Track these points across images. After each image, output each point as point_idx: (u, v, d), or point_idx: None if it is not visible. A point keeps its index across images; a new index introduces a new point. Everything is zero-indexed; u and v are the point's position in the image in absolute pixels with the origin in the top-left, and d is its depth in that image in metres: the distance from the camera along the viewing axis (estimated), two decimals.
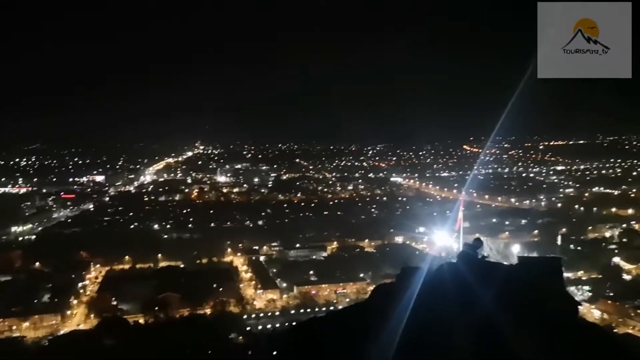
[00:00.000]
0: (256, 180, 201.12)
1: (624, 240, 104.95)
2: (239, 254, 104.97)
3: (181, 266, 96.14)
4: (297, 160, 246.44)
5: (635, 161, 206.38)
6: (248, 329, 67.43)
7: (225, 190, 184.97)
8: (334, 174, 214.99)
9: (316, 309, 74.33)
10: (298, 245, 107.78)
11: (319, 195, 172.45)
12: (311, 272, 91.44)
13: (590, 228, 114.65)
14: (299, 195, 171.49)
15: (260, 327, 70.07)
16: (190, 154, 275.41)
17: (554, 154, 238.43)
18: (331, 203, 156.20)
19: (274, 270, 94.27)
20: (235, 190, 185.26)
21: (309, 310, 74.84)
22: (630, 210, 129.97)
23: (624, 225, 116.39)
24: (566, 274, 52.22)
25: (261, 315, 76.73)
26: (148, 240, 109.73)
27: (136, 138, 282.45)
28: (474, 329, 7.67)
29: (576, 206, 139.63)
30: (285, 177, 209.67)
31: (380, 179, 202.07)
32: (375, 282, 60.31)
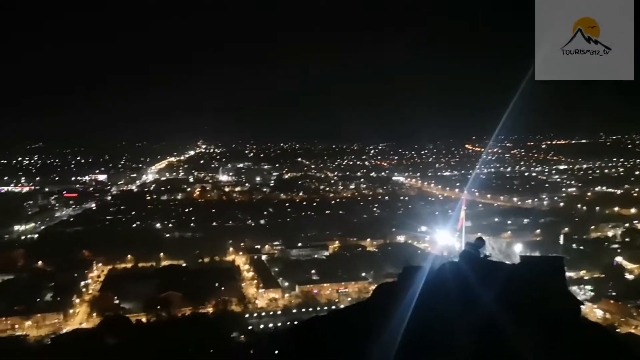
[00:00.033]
0: (258, 179, 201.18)
1: (627, 239, 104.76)
2: (240, 253, 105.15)
3: (183, 265, 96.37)
4: (299, 159, 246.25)
5: (638, 160, 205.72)
6: (250, 328, 67.64)
7: (227, 189, 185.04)
8: (336, 173, 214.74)
9: (318, 308, 74.56)
10: (300, 244, 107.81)
11: (321, 195, 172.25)
12: (313, 271, 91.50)
13: (592, 227, 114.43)
14: (300, 194, 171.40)
15: (262, 326, 70.17)
16: (192, 153, 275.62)
17: (557, 153, 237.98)
18: (333, 202, 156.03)
19: (276, 270, 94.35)
20: (237, 189, 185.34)
21: (310, 309, 74.85)
22: (633, 210, 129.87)
23: (627, 224, 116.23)
24: (568, 274, 52.17)
25: (263, 314, 76.82)
26: (150, 239, 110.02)
27: (136, 138, 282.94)
28: (476, 328, 7.67)
29: (579, 205, 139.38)
30: (287, 176, 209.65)
31: (382, 178, 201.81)
32: (377, 282, 60.15)
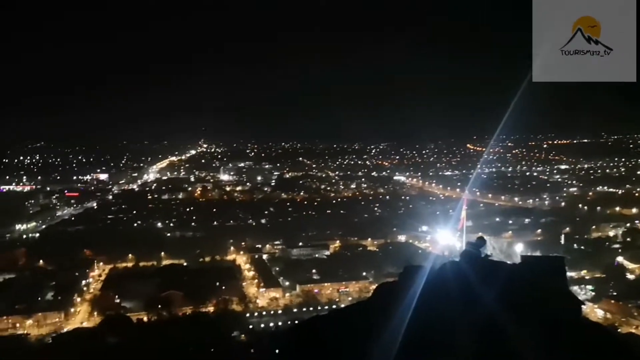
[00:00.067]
0: (259, 178, 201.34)
1: (628, 239, 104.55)
2: (241, 253, 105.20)
3: (184, 264, 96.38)
4: (300, 158, 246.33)
5: (639, 160, 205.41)
6: (250, 327, 67.66)
7: (228, 189, 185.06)
8: (337, 173, 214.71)
9: (318, 308, 74.64)
10: (301, 243, 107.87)
11: (322, 194, 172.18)
12: (314, 271, 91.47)
13: (593, 227, 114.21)
14: (301, 193, 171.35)
15: (262, 326, 70.20)
16: (193, 152, 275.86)
17: (558, 152, 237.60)
18: (334, 202, 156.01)
19: (277, 269, 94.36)
20: (238, 188, 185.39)
21: (311, 308, 74.94)
22: (634, 210, 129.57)
23: (628, 224, 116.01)
24: (569, 273, 52.13)
25: (264, 313, 76.85)
26: (151, 238, 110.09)
27: (137, 139, 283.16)
28: (476, 328, 7.66)
29: (580, 205, 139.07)
30: (288, 176, 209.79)
31: (383, 178, 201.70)
32: (378, 281, 60.20)
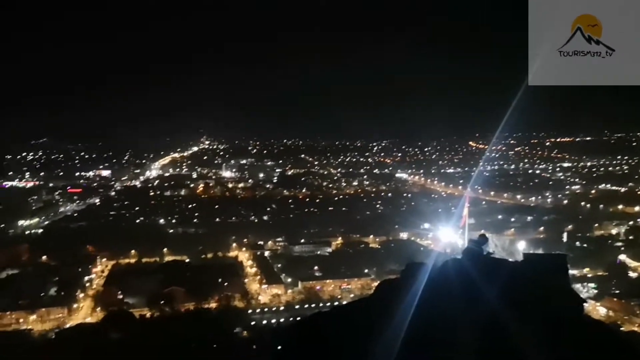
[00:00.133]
0: (261, 175, 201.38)
1: (630, 237, 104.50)
2: (244, 249, 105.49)
3: (186, 261, 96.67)
4: (302, 155, 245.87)
5: None
6: (253, 323, 67.89)
7: (230, 186, 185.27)
8: (339, 170, 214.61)
9: (320, 304, 74.69)
10: (303, 240, 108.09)
11: (324, 191, 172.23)
12: (316, 268, 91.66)
13: (596, 225, 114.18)
14: (304, 190, 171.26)
15: (264, 322, 70.48)
16: (195, 149, 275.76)
17: (561, 150, 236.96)
18: (336, 199, 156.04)
19: (279, 266, 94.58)
20: (241, 185, 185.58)
21: (313, 305, 75.26)
22: (636, 208, 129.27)
23: (631, 222, 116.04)
24: (572, 271, 52.08)
25: (266, 310, 77.12)
26: (154, 234, 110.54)
27: (139, 136, 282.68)
28: (478, 326, 7.67)
29: (582, 203, 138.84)
30: (290, 173, 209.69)
31: (385, 175, 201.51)
32: (380, 278, 60.27)
